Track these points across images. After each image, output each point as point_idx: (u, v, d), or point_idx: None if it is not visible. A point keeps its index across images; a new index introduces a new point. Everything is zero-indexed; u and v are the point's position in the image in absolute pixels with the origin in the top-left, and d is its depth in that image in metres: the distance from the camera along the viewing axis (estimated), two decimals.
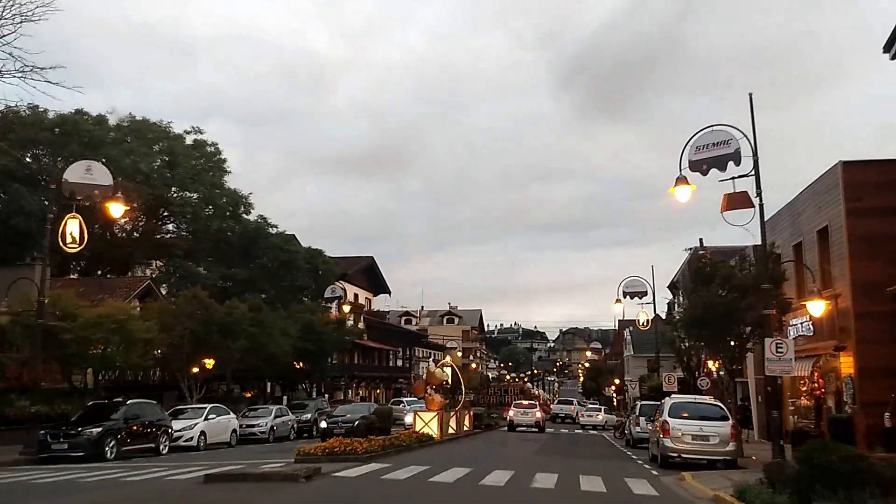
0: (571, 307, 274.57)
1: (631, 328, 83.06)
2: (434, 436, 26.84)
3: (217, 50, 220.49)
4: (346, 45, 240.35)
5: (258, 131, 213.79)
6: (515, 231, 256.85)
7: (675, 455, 18.93)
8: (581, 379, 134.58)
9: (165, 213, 49.88)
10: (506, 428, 42.31)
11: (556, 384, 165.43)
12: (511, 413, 43.19)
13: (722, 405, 20.89)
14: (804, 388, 27.72)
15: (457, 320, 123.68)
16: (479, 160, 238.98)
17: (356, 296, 75.57)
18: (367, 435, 20.76)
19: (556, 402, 77.79)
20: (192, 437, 25.51)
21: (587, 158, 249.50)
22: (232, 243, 49.92)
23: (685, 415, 19.55)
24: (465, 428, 34.92)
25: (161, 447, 23.24)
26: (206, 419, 26.62)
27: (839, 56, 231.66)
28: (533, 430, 40.37)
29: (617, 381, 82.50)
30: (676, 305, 55.52)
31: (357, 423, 27.38)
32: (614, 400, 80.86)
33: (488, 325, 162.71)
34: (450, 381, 31.84)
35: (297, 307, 43.58)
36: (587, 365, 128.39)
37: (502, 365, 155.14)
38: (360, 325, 73.81)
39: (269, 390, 49.76)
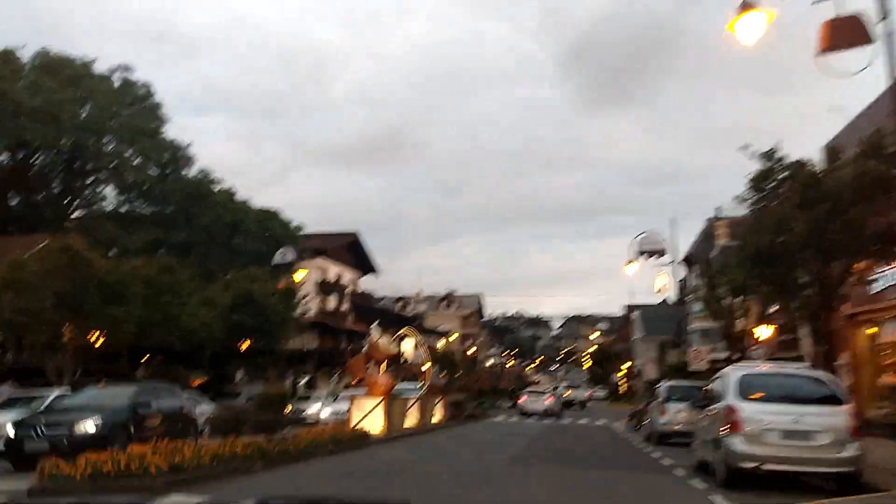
0: (576, 296, 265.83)
1: (639, 311, 75.27)
2: (375, 432, 18.80)
3: (217, 41, 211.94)
4: (347, 33, 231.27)
5: (260, 123, 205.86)
6: (517, 220, 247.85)
7: (753, 465, 10.67)
8: (587, 365, 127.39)
9: (88, 168, 42.00)
10: (496, 419, 40.58)
11: (564, 371, 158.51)
12: (522, 399, 45.45)
13: (828, 376, 12.28)
14: (890, 361, 21.30)
15: (455, 306, 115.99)
16: (481, 149, 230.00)
17: (339, 275, 68.39)
18: (235, 434, 12.60)
19: (566, 387, 74.85)
20: None
21: (589, 146, 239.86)
22: (172, 202, 42.14)
23: (761, 395, 11.25)
24: (437, 419, 27.23)
25: None
26: None
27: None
28: (544, 416, 41.09)
29: (628, 364, 74.92)
30: (694, 276, 46.99)
31: (85, 426, 13.46)
32: (622, 386, 73.80)
33: (491, 313, 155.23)
34: (410, 358, 23.78)
35: (236, 274, 35.46)
36: (596, 348, 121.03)
37: (506, 353, 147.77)
38: (345, 306, 66.48)
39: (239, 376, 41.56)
